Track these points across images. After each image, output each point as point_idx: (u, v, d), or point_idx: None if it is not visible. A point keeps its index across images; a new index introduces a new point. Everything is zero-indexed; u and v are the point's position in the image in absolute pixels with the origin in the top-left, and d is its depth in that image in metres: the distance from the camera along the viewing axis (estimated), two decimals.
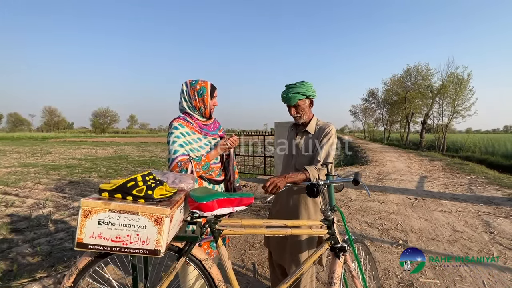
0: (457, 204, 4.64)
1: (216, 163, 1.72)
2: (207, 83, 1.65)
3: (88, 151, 17.63)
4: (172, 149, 1.55)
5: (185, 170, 1.51)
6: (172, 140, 1.55)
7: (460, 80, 19.35)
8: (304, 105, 1.66)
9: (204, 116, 1.69)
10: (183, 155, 1.55)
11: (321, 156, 1.56)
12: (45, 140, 35.20)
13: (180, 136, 1.56)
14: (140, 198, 0.91)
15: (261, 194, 5.35)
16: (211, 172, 1.67)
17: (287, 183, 1.41)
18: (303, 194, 1.63)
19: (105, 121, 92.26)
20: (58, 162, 11.61)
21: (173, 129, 1.57)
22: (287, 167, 1.79)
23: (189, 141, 1.59)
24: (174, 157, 1.53)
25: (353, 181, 1.21)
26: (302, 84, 1.64)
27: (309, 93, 1.63)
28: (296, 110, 1.67)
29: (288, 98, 1.62)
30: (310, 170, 1.46)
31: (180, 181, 1.19)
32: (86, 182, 7.35)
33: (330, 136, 1.61)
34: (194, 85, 1.63)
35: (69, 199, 5.64)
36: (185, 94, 1.65)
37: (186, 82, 1.66)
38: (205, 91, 1.63)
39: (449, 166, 9.60)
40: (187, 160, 1.55)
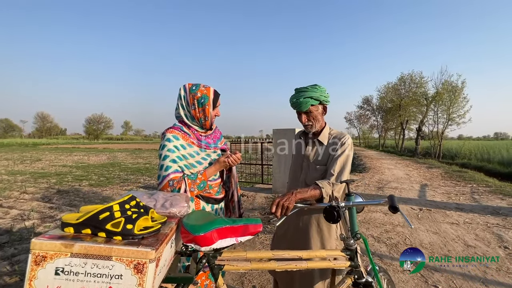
0: (464, 215, 4.46)
1: (215, 179, 1.49)
2: (210, 90, 1.41)
3: (80, 158, 17.16)
4: (163, 164, 1.32)
5: (178, 190, 1.29)
6: (164, 155, 1.32)
7: (455, 88, 19.55)
8: (317, 111, 1.45)
9: (203, 127, 1.46)
10: (176, 172, 1.32)
11: (335, 169, 1.34)
12: (36, 147, 34.40)
13: (173, 150, 1.33)
14: (116, 235, 0.68)
15: (259, 205, 5.10)
16: (209, 189, 1.45)
17: (297, 201, 1.18)
18: (315, 214, 1.41)
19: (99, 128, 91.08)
20: (47, 169, 11.19)
21: (166, 141, 1.34)
22: (294, 183, 1.56)
23: (184, 156, 1.36)
24: (165, 175, 1.30)
25: (390, 208, 0.97)
26: (315, 87, 1.43)
27: (323, 98, 1.43)
28: (308, 118, 1.46)
29: (299, 103, 1.41)
30: (323, 186, 1.24)
31: (172, 204, 0.97)
32: (76, 191, 7.02)
33: (346, 147, 1.40)
34: (194, 92, 1.39)
35: (56, 209, 5.33)
36: (183, 101, 1.41)
37: (185, 87, 1.42)
38: (207, 100, 1.39)
39: (448, 174, 9.49)
40: (180, 179, 1.32)
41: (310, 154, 1.50)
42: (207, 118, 1.42)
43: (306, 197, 1.18)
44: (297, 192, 1.19)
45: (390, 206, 0.95)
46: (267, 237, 3.44)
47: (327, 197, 1.22)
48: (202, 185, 1.37)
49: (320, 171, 1.44)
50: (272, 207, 1.14)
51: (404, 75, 25.57)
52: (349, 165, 1.37)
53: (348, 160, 1.38)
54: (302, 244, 1.42)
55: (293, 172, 1.61)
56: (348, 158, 1.39)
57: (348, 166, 1.37)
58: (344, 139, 1.43)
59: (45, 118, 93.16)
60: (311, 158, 1.49)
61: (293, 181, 1.58)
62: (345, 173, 1.34)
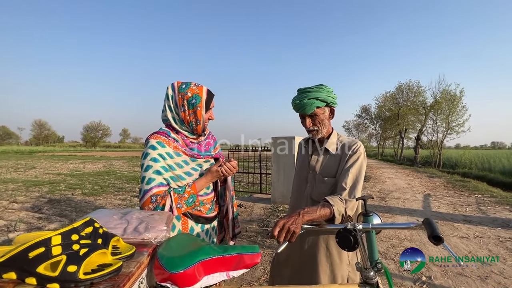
0: (473, 228, 4.24)
1: (207, 194, 1.28)
2: (202, 90, 1.21)
3: (76, 165, 16.84)
4: (145, 176, 1.11)
5: (162, 207, 1.08)
6: (147, 165, 1.12)
7: (453, 97, 19.56)
8: (323, 115, 1.26)
9: (194, 132, 1.26)
10: (160, 185, 1.12)
11: (347, 182, 1.14)
12: (32, 154, 33.99)
13: (157, 159, 1.13)
14: (51, 282, 0.48)
15: (258, 216, 4.86)
16: (199, 206, 1.23)
17: (305, 223, 0.97)
18: (323, 234, 1.21)
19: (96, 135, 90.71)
20: (41, 177, 10.91)
21: (149, 149, 1.14)
22: (298, 198, 1.36)
23: (171, 166, 1.16)
24: (147, 189, 1.10)
25: (432, 238, 0.73)
26: (321, 87, 1.25)
27: (330, 99, 1.24)
28: (313, 122, 1.26)
29: (302, 105, 1.22)
30: (334, 203, 1.04)
31: (147, 228, 0.76)
32: (68, 200, 6.77)
33: (359, 156, 1.20)
34: (184, 91, 1.19)
35: (45, 220, 5.08)
36: (171, 102, 1.21)
37: (174, 85, 1.22)
38: (199, 101, 1.19)
39: (451, 184, 9.29)
40: (165, 193, 1.12)
41: (316, 165, 1.30)
42: (199, 122, 1.21)
43: (315, 218, 0.97)
44: (304, 212, 0.97)
45: (431, 236, 0.72)
46: (267, 253, 3.20)
47: (339, 217, 1.01)
48: (192, 200, 1.16)
49: (328, 184, 1.24)
50: (274, 230, 0.91)
51: (402, 84, 25.71)
52: (362, 177, 1.17)
53: (362, 171, 1.18)
54: (308, 271, 1.21)
55: (297, 186, 1.40)
56: (362, 168, 1.19)
57: (362, 178, 1.17)
58: (355, 146, 1.24)
59: (42, 125, 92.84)
60: (318, 169, 1.29)
61: (297, 197, 1.38)
62: (359, 187, 1.14)
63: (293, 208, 1.40)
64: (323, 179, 1.25)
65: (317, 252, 1.22)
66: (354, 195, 1.12)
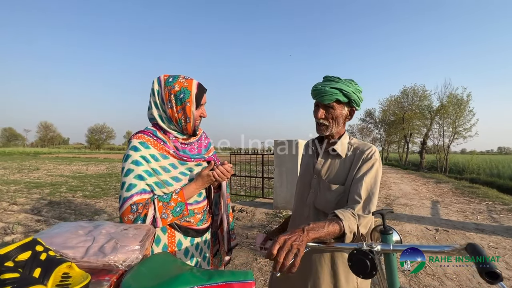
0: (486, 237, 4.03)
1: (198, 202, 1.13)
2: (192, 83, 1.08)
3: (79, 167, 16.86)
4: (125, 182, 0.97)
5: (143, 218, 0.94)
6: (127, 169, 0.98)
7: (460, 101, 19.24)
8: (340, 111, 1.10)
9: (184, 132, 1.11)
10: (142, 192, 0.98)
11: (361, 194, 0.97)
12: (37, 156, 34.26)
13: (139, 162, 0.99)
14: None
15: (259, 222, 4.69)
16: (189, 217, 1.09)
17: (310, 241, 0.80)
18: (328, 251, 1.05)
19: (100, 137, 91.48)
20: (43, 179, 10.91)
21: (131, 150, 1.00)
22: (300, 207, 1.20)
23: (155, 170, 1.02)
24: (126, 196, 0.95)
25: (486, 275, 0.54)
26: (350, 81, 1.10)
27: (355, 97, 1.08)
28: (326, 114, 1.10)
29: (322, 92, 1.06)
30: (345, 218, 0.87)
31: (114, 248, 0.62)
32: (68, 202, 6.70)
33: (374, 163, 1.04)
34: (171, 84, 1.05)
35: (43, 222, 5.01)
36: (157, 97, 1.07)
37: (160, 79, 1.08)
38: (188, 96, 1.05)
39: (459, 190, 9.01)
40: (147, 201, 0.97)
41: (322, 169, 1.14)
42: (189, 120, 1.07)
43: (321, 236, 0.80)
44: (309, 229, 0.80)
45: (483, 272, 0.53)
46: (267, 262, 3.03)
47: (350, 235, 0.85)
48: (179, 210, 1.01)
49: (335, 192, 1.07)
50: (273, 248, 0.72)
51: (407, 88, 25.45)
52: (378, 187, 1.01)
53: (377, 181, 1.02)
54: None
55: (300, 192, 1.23)
56: (377, 177, 1.03)
57: (377, 189, 1.01)
58: (370, 151, 1.08)
59: (48, 127, 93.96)
60: (323, 174, 1.13)
61: (299, 204, 1.21)
62: (374, 200, 0.98)
63: (294, 217, 1.25)
64: (329, 186, 1.09)
65: (320, 271, 1.06)
66: (369, 210, 0.95)
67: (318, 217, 1.10)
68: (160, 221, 0.97)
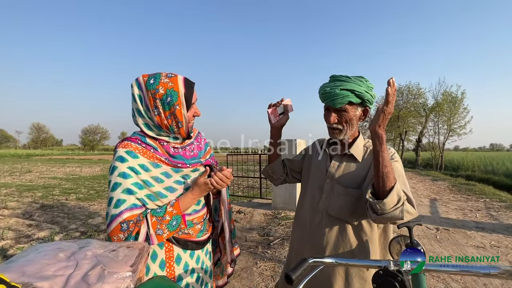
0: (487, 236, 3.99)
1: (196, 212, 1.02)
2: (178, 81, 0.93)
3: (73, 169, 16.58)
4: (112, 198, 0.86)
5: (134, 237, 0.83)
6: (114, 182, 0.87)
7: (454, 99, 19.41)
8: (354, 113, 1.03)
9: (178, 136, 1.00)
10: (133, 208, 0.87)
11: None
12: (29, 158, 33.69)
13: (128, 175, 0.88)
14: None
15: (258, 224, 4.60)
16: (187, 229, 0.98)
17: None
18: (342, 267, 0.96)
19: (95, 138, 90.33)
20: (36, 182, 10.69)
21: (118, 162, 0.89)
22: (311, 213, 1.10)
23: (147, 182, 0.91)
24: (115, 214, 0.84)
25: None
26: (360, 79, 1.01)
27: (368, 97, 1.01)
28: (340, 118, 1.03)
29: (333, 95, 0.99)
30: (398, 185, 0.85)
31: (101, 275, 0.52)
32: (61, 205, 6.55)
33: (395, 164, 0.95)
34: (153, 88, 0.90)
35: (35, 227, 4.87)
36: (139, 104, 0.93)
37: (139, 82, 0.93)
38: (176, 98, 0.91)
39: (456, 187, 9.04)
40: (139, 218, 0.86)
41: (336, 172, 1.05)
42: (181, 124, 0.95)
43: (384, 156, 0.84)
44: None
45: None
46: (269, 266, 2.94)
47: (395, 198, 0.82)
48: (175, 223, 0.90)
49: (351, 197, 0.99)
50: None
51: (402, 86, 25.57)
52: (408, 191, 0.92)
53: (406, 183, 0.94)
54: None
55: (310, 197, 1.13)
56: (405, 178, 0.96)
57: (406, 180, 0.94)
58: (389, 152, 0.99)
59: (40, 129, 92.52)
60: (338, 178, 1.04)
61: (310, 210, 1.12)
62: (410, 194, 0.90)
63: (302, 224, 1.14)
64: (344, 190, 1.01)
65: (333, 283, 0.97)
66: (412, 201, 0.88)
67: (332, 224, 1.02)
68: (155, 238, 0.86)
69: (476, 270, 0.56)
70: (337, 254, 0.97)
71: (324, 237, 1.02)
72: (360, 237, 0.97)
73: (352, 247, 0.98)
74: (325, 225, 1.03)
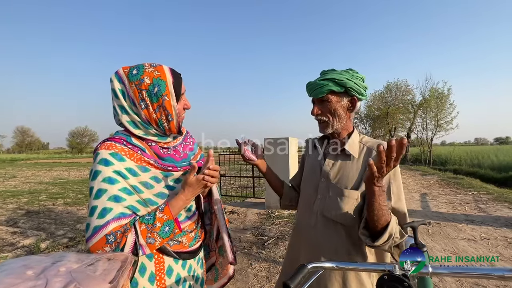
0: (477, 228, 4.07)
1: (189, 218, 0.94)
2: (164, 70, 0.85)
3: (60, 173, 16.12)
4: (96, 206, 0.76)
5: (121, 249, 0.75)
6: (98, 189, 0.77)
7: (441, 95, 19.85)
8: (338, 103, 0.99)
9: (168, 133, 0.90)
10: (121, 217, 0.77)
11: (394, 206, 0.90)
12: (13, 162, 32.63)
13: (114, 180, 0.78)
14: None
15: (252, 223, 4.55)
16: (179, 236, 0.90)
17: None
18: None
19: (83, 141, 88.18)
20: (20, 187, 10.33)
21: (101, 165, 0.78)
22: (307, 214, 1.05)
23: (135, 187, 0.81)
24: (98, 225, 0.75)
25: None
26: (346, 71, 0.99)
27: (351, 84, 0.96)
28: (323, 109, 1.00)
29: (314, 86, 0.97)
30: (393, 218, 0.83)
31: None
32: (48, 211, 6.33)
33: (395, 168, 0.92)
34: (137, 78, 0.82)
35: (20, 235, 4.68)
36: (123, 100, 0.83)
37: (119, 75, 0.84)
38: (164, 87, 0.83)
39: (445, 181, 9.23)
40: (126, 226, 0.77)
41: (331, 171, 1.00)
42: (171, 117, 0.86)
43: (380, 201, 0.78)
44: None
45: None
46: (264, 267, 2.89)
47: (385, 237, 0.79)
48: (168, 229, 0.82)
49: (348, 198, 0.94)
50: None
51: (390, 83, 26.03)
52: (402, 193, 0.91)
53: (401, 185, 0.92)
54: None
55: (305, 198, 1.09)
56: (400, 181, 0.93)
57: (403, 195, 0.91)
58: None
59: (25, 132, 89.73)
60: (333, 178, 0.99)
61: (304, 213, 1.07)
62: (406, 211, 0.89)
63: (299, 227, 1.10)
64: (341, 191, 0.95)
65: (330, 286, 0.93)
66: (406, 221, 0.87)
67: (327, 226, 0.97)
68: (146, 247, 0.77)
69: (489, 272, 0.52)
70: (334, 257, 0.94)
71: (320, 239, 0.98)
72: (357, 239, 0.93)
73: (348, 249, 0.95)
74: (320, 227, 0.99)
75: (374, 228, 0.82)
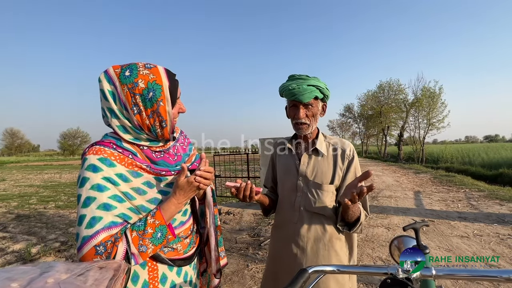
0: (470, 225, 4.12)
1: (183, 223, 0.90)
2: (160, 73, 0.79)
3: (51, 176, 15.81)
4: (84, 215, 0.71)
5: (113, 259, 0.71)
6: (86, 197, 0.72)
7: (433, 94, 20.15)
8: (318, 108, 1.11)
9: (161, 138, 0.85)
10: (112, 227, 0.73)
11: None
12: (2, 165, 31.89)
13: (104, 187, 0.73)
14: None
15: (247, 224, 4.53)
16: (173, 243, 0.86)
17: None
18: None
19: (75, 143, 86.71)
20: (10, 191, 10.08)
21: (89, 171, 0.73)
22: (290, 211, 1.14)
23: (127, 194, 0.76)
24: (87, 236, 0.70)
25: None
26: (317, 78, 1.10)
27: (328, 92, 1.12)
28: (307, 112, 1.09)
29: (301, 91, 1.06)
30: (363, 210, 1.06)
31: None
32: (39, 215, 6.18)
33: (357, 161, 1.12)
34: (130, 81, 0.76)
35: (10, 240, 4.56)
36: (113, 103, 0.78)
37: (109, 75, 0.78)
38: (160, 92, 0.78)
39: (437, 179, 9.36)
40: (117, 235, 0.73)
41: (307, 170, 1.11)
42: (165, 124, 0.81)
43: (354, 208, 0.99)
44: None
45: None
46: (260, 268, 2.87)
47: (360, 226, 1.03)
48: (161, 235, 0.78)
49: (326, 192, 1.07)
50: None
51: (383, 83, 26.32)
52: None
53: (360, 171, 1.11)
54: None
55: (285, 196, 1.17)
56: (359, 168, 1.13)
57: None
58: (349, 149, 1.13)
59: (14, 134, 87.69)
60: (310, 175, 1.10)
61: (286, 211, 1.15)
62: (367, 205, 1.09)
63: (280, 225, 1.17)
64: (320, 186, 1.08)
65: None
66: (369, 211, 1.09)
67: (310, 220, 1.08)
68: (138, 256, 0.74)
69: (496, 275, 0.51)
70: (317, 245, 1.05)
71: (303, 232, 1.07)
72: (335, 227, 1.07)
73: (332, 239, 1.05)
74: (304, 221, 1.08)
75: (349, 221, 1.01)
